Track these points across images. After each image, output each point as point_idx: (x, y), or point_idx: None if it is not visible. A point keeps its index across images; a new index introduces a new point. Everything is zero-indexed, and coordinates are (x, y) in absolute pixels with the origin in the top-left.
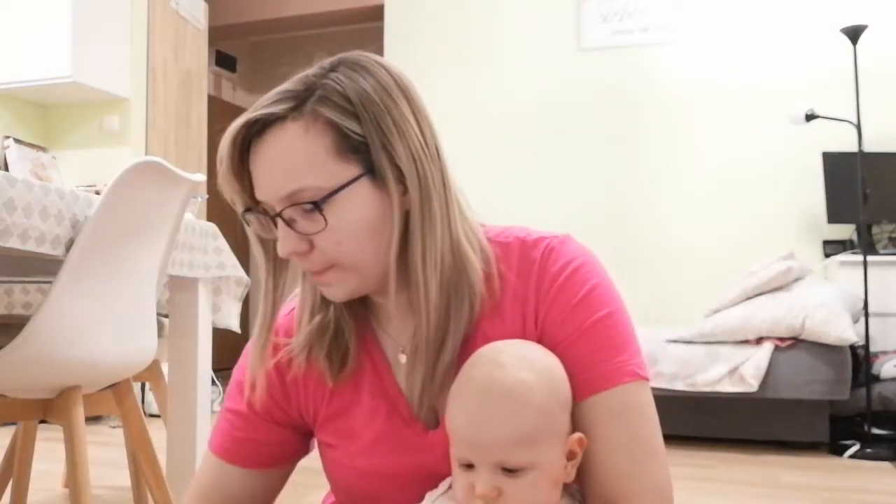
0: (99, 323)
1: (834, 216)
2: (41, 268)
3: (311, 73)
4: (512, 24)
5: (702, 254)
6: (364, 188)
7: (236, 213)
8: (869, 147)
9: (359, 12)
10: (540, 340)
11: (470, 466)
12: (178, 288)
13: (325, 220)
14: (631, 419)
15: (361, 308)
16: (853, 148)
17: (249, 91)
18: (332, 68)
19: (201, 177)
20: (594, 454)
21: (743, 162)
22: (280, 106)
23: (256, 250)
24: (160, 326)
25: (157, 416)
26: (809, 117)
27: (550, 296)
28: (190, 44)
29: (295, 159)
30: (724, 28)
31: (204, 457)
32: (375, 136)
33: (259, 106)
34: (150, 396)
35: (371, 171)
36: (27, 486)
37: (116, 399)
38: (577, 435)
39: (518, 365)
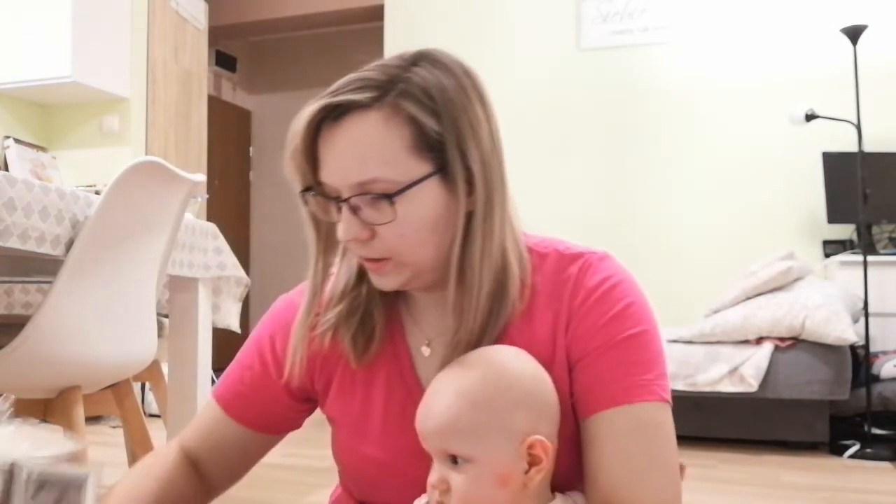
0: (99, 323)
1: (834, 216)
2: (41, 268)
3: (393, 65)
4: (512, 24)
5: (702, 254)
6: (434, 186)
7: (236, 214)
8: (869, 147)
9: (359, 12)
10: (567, 350)
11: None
12: (178, 288)
13: (395, 213)
14: (648, 435)
15: (393, 295)
16: (853, 148)
17: (249, 91)
18: (414, 62)
19: (201, 177)
20: (604, 463)
21: (743, 162)
22: (363, 94)
23: (308, 230)
24: (160, 326)
25: (157, 416)
26: (809, 117)
27: (584, 309)
28: (190, 44)
29: (372, 150)
30: (723, 28)
31: (207, 400)
32: (452, 136)
33: (339, 90)
34: (150, 396)
35: (442, 170)
36: None
37: (116, 399)
38: (538, 437)
39: (474, 363)
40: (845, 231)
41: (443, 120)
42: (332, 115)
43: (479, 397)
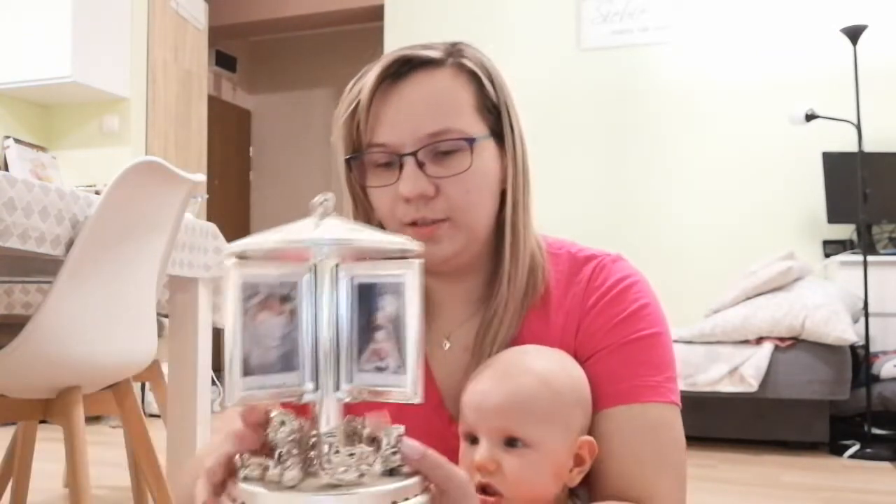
0: (99, 323)
1: (834, 216)
2: (41, 268)
3: (442, 42)
4: (512, 24)
5: (702, 254)
6: (493, 147)
7: (236, 214)
8: (869, 147)
9: (359, 12)
10: (577, 350)
11: (475, 442)
12: (178, 288)
13: (472, 161)
14: (659, 436)
15: None
16: (853, 148)
17: (249, 91)
18: (457, 44)
19: (201, 177)
20: (615, 461)
21: (743, 162)
22: (434, 52)
23: (350, 204)
24: (160, 326)
25: (157, 416)
26: (809, 117)
27: (597, 309)
28: (190, 44)
29: (445, 101)
30: (724, 28)
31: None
32: (504, 105)
33: (409, 49)
34: (150, 396)
35: (497, 134)
36: (27, 486)
37: (116, 399)
38: (588, 439)
39: (540, 354)
40: (845, 231)
41: (496, 88)
42: (398, 72)
43: (556, 385)
